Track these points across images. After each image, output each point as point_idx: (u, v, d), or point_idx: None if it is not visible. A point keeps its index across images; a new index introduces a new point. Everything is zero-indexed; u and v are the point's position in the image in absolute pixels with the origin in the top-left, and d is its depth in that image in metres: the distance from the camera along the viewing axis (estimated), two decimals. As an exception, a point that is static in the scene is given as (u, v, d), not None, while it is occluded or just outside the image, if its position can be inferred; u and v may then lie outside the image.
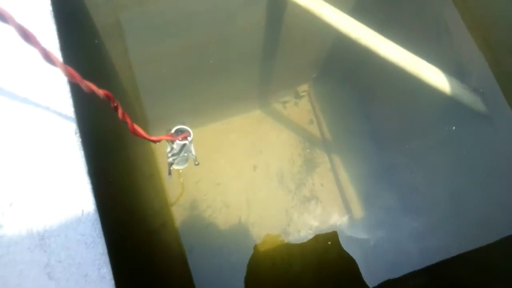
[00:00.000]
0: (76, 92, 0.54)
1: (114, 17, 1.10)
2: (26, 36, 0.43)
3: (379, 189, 1.97)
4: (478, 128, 1.23)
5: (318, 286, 1.84)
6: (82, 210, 0.49)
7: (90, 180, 0.49)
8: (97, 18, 1.06)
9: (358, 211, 1.98)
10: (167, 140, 1.00)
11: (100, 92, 0.53)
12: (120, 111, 0.66)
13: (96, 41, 1.14)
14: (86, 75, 0.61)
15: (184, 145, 1.00)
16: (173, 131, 1.01)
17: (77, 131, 0.50)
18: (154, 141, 0.89)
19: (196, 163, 1.14)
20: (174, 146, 1.00)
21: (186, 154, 1.10)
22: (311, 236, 1.95)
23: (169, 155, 1.08)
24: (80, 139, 0.50)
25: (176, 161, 1.13)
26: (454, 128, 1.31)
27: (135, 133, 0.75)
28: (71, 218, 0.48)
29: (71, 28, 0.59)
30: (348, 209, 2.00)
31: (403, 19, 1.37)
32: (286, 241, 1.96)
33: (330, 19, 1.15)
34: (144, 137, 0.79)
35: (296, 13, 1.28)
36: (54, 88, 0.53)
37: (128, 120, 0.68)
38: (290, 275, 1.88)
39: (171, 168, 1.17)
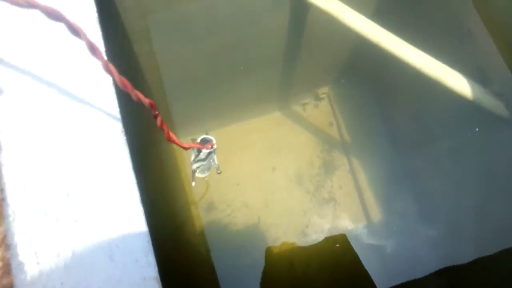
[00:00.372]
0: (120, 95, 0.59)
1: (142, 21, 1.15)
2: (94, 50, 0.48)
3: (398, 193, 1.97)
4: (500, 134, 1.22)
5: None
6: (130, 201, 0.53)
7: (135, 175, 0.53)
8: (127, 21, 1.11)
9: (376, 215, 1.98)
10: (193, 149, 1.05)
11: (146, 101, 0.58)
12: (159, 119, 0.70)
13: (138, 42, 1.19)
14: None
15: (209, 153, 1.05)
16: (198, 140, 1.06)
17: (123, 130, 0.54)
18: (186, 148, 0.94)
19: (219, 171, 1.19)
20: (201, 154, 1.04)
21: (210, 161, 1.14)
22: (328, 238, 1.96)
23: (194, 162, 1.12)
24: (125, 137, 0.54)
25: (199, 169, 1.18)
26: (477, 129, 1.31)
27: (170, 140, 0.79)
28: (122, 208, 0.52)
29: (108, 32, 0.63)
30: (366, 212, 2.01)
31: (425, 25, 1.37)
32: (304, 242, 1.97)
33: (351, 22, 1.17)
34: (178, 144, 0.83)
35: (318, 17, 1.31)
36: (102, 92, 0.58)
37: (165, 128, 0.73)
38: (307, 276, 1.90)
39: (195, 175, 1.22)
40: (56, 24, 0.45)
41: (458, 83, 1.07)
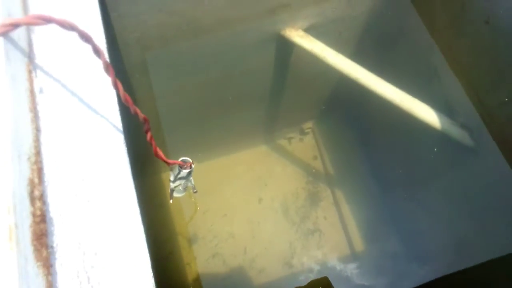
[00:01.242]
0: (122, 112, 0.68)
1: (141, 56, 1.25)
2: (108, 69, 0.58)
3: (380, 224, 2.03)
4: (470, 164, 1.32)
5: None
6: (128, 210, 0.62)
7: (134, 181, 0.61)
8: (126, 55, 1.21)
9: (359, 245, 2.03)
10: (171, 169, 1.12)
11: (141, 115, 0.67)
12: (149, 134, 0.79)
13: (137, 75, 1.28)
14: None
15: (190, 172, 1.11)
16: (179, 160, 1.13)
17: (124, 141, 0.63)
18: (169, 164, 1.01)
19: (195, 190, 1.25)
20: (181, 173, 1.11)
21: (188, 182, 1.20)
22: (314, 269, 1.99)
23: (173, 181, 1.18)
24: (126, 148, 0.63)
25: (177, 188, 1.24)
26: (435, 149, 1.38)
27: (157, 155, 0.87)
28: (119, 211, 0.61)
29: (112, 62, 0.73)
30: (350, 242, 2.05)
31: (398, 63, 1.51)
32: (290, 273, 1.99)
33: (332, 61, 1.29)
34: (163, 160, 0.91)
35: (302, 56, 1.43)
36: (107, 107, 0.68)
37: (153, 143, 0.81)
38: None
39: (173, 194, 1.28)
40: (82, 43, 0.56)
41: (428, 115, 1.18)
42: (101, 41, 0.72)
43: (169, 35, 1.23)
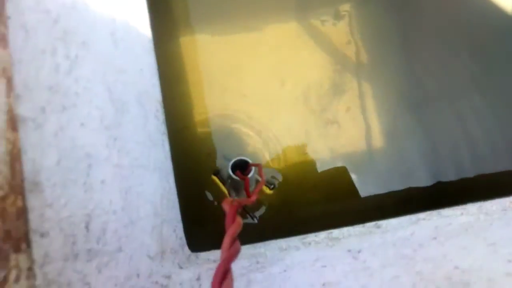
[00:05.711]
0: None
1: None
2: None
3: (405, 125, 1.95)
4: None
5: (326, 203, 1.90)
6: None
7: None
8: None
9: (378, 143, 1.98)
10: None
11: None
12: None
13: None
14: None
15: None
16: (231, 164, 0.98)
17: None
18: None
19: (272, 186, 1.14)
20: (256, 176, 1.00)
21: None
22: (327, 160, 1.98)
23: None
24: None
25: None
26: None
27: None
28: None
29: None
30: (368, 139, 2.00)
31: None
32: (302, 161, 1.99)
33: None
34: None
35: None
36: None
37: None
38: (303, 190, 1.94)
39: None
40: None
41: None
42: None
43: None
